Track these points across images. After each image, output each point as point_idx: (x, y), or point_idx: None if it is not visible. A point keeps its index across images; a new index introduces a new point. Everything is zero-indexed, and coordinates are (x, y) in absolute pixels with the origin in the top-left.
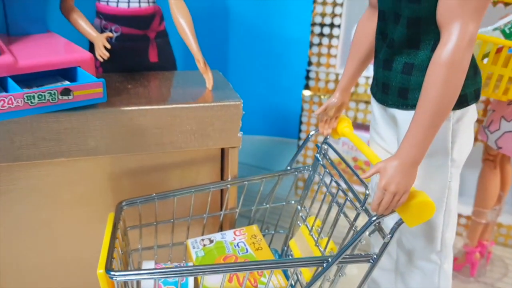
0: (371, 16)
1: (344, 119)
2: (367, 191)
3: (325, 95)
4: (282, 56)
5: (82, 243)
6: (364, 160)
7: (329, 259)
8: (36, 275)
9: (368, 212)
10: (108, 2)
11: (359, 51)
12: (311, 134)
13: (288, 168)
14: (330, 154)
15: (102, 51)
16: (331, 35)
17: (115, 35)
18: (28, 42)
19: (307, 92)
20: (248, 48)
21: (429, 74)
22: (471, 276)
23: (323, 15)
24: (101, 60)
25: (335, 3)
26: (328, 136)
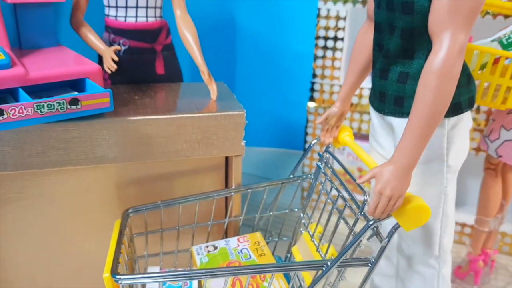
0: (369, 28)
1: (345, 128)
2: (365, 197)
3: (329, 107)
4: (288, 68)
5: (89, 249)
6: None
7: (328, 262)
8: (44, 281)
9: (366, 218)
10: (116, 16)
11: (358, 62)
12: (313, 143)
13: (291, 176)
14: (335, 164)
15: (110, 63)
16: (334, 48)
17: (123, 48)
18: (39, 55)
19: (312, 104)
20: (254, 61)
21: (421, 82)
22: (475, 285)
23: (326, 28)
24: (109, 72)
25: (338, 17)
26: (330, 145)
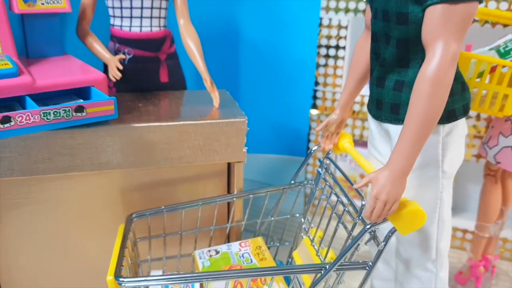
0: (367, 37)
1: (344, 135)
2: (363, 202)
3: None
4: (290, 76)
5: (93, 253)
6: None
7: (327, 266)
8: (49, 283)
9: (364, 222)
10: (121, 26)
11: (357, 70)
12: (314, 149)
13: (292, 182)
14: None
15: (115, 72)
16: (336, 57)
17: (128, 57)
18: (45, 63)
19: (314, 111)
20: (257, 68)
21: (415, 90)
22: None
23: (328, 37)
24: (114, 80)
25: (340, 26)
26: (330, 152)
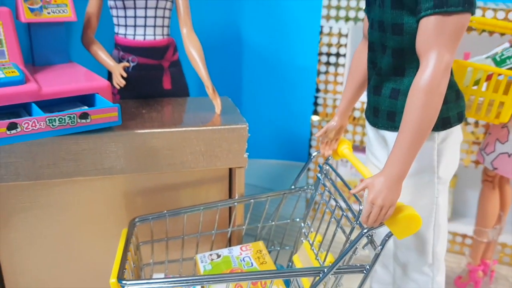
0: (365, 46)
1: (343, 141)
2: (360, 207)
3: None
4: (292, 83)
5: (97, 257)
6: None
7: (325, 269)
8: (54, 286)
9: (362, 226)
10: (125, 35)
11: (355, 78)
12: (313, 155)
13: (293, 187)
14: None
15: (119, 79)
16: (337, 64)
17: (131, 64)
18: (51, 71)
19: (315, 117)
20: (260, 75)
21: (409, 99)
22: None
23: (329, 45)
24: (118, 87)
25: (340, 34)
26: (329, 157)
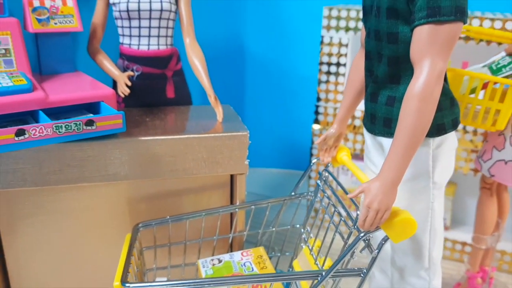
0: (362, 55)
1: (342, 148)
2: (357, 212)
3: None
4: (293, 92)
5: (101, 261)
6: None
7: (323, 272)
8: None
9: (359, 231)
10: (130, 45)
11: (353, 86)
12: (313, 162)
13: (293, 194)
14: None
15: (124, 88)
16: (337, 73)
17: (136, 74)
18: (57, 80)
19: (316, 126)
20: (262, 85)
21: (404, 105)
22: None
23: (329, 55)
24: (122, 96)
25: (340, 44)
26: (329, 164)
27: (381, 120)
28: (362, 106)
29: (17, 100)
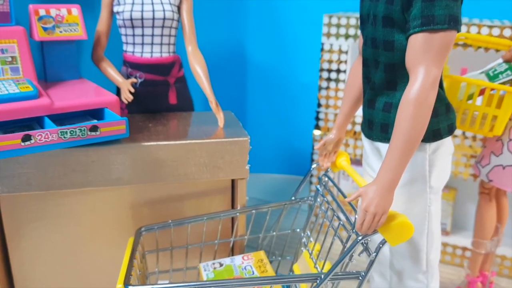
0: (360, 62)
1: (342, 153)
2: (356, 216)
3: None
4: (294, 99)
5: (104, 265)
6: None
7: (322, 275)
8: None
9: (358, 234)
10: (133, 52)
11: (351, 93)
12: (313, 167)
13: (293, 198)
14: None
15: (127, 94)
16: (337, 80)
17: (139, 81)
18: (62, 86)
19: (317, 132)
20: (263, 91)
21: (399, 111)
22: None
23: (330, 61)
24: (126, 102)
25: (340, 51)
26: (328, 169)
27: (378, 125)
28: (361, 112)
29: (23, 107)
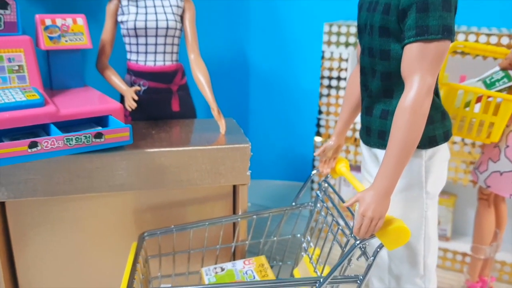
0: (358, 71)
1: (341, 159)
2: (354, 221)
3: None
4: (296, 106)
5: (108, 269)
6: None
7: (321, 279)
8: None
9: (356, 239)
10: (137, 61)
11: (350, 101)
12: (313, 173)
13: (293, 204)
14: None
15: (131, 102)
16: (338, 87)
17: (142, 88)
18: (68, 94)
19: (318, 138)
20: (265, 99)
21: (395, 118)
22: None
23: (330, 69)
24: (130, 109)
25: (341, 59)
26: (328, 175)
27: (376, 132)
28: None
29: (30, 114)
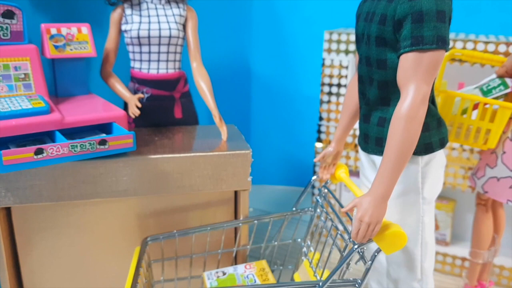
0: (356, 79)
1: (341, 165)
2: (352, 226)
3: None
4: (297, 112)
5: (111, 274)
6: None
7: (320, 283)
8: None
9: (354, 243)
10: (140, 69)
11: (349, 108)
12: (313, 179)
13: (294, 209)
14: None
15: (135, 109)
16: (338, 94)
17: (146, 96)
18: (73, 102)
19: (319, 144)
20: (266, 105)
21: (391, 125)
22: None
23: (331, 76)
24: (133, 116)
25: (341, 66)
26: (328, 181)
27: (373, 139)
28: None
29: (35, 121)
